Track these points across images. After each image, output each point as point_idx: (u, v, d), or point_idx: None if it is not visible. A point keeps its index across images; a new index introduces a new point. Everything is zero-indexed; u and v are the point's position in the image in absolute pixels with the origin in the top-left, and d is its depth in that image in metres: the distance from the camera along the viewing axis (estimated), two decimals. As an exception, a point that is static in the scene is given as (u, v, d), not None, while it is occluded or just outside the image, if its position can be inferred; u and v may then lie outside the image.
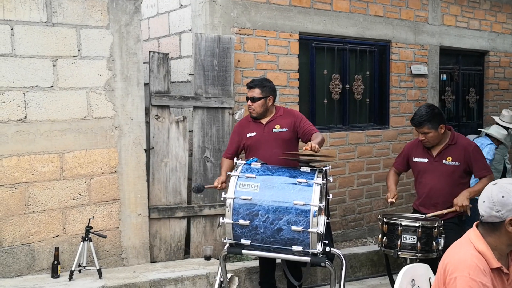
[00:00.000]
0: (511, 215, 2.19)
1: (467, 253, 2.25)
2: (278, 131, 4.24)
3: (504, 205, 2.19)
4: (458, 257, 2.25)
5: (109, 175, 4.52)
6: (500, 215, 2.20)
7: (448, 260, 2.29)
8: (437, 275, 2.36)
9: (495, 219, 2.22)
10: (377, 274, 5.60)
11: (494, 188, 2.24)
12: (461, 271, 2.17)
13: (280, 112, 4.35)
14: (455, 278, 2.17)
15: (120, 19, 4.50)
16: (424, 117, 4.05)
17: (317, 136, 4.10)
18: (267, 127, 4.27)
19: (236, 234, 3.52)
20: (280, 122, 4.27)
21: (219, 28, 5.13)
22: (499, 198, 2.20)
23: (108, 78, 4.47)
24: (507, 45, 8.30)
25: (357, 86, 6.50)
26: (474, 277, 2.14)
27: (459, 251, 2.30)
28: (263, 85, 4.25)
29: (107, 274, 4.33)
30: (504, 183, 2.26)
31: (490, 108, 8.19)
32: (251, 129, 4.31)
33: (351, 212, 6.44)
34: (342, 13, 6.10)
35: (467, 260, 2.21)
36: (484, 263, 2.22)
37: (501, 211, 2.20)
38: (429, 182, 4.15)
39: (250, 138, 4.29)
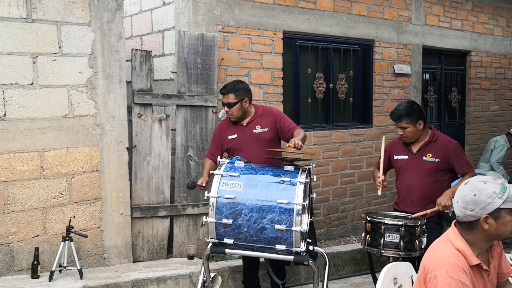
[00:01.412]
0: (485, 213, 2.21)
1: (446, 252, 2.26)
2: (259, 131, 4.22)
3: (476, 204, 2.21)
4: (437, 256, 2.26)
5: (91, 174, 4.46)
6: (474, 214, 2.22)
7: (428, 259, 2.30)
8: (418, 273, 2.37)
9: (471, 218, 2.24)
10: (361, 273, 5.63)
11: (466, 188, 2.26)
12: (440, 269, 2.19)
13: (259, 111, 4.32)
14: (435, 276, 2.19)
15: (102, 16, 4.45)
16: (402, 112, 4.10)
17: (299, 133, 4.09)
18: (248, 128, 4.25)
19: (219, 233, 3.49)
20: (260, 122, 4.25)
21: (202, 26, 5.10)
22: (471, 197, 2.22)
23: (89, 76, 4.41)
24: (488, 45, 8.40)
25: (341, 85, 6.52)
26: (452, 275, 2.16)
27: (439, 249, 2.31)
28: (236, 88, 4.19)
29: (89, 274, 4.27)
30: (474, 181, 2.28)
31: (472, 107, 8.27)
32: (232, 131, 4.29)
33: (334, 211, 6.46)
34: (326, 12, 6.11)
35: (446, 258, 2.22)
36: (463, 260, 2.23)
37: (474, 209, 2.21)
38: (409, 179, 4.17)
39: (232, 140, 4.27)
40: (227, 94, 4.19)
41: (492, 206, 2.20)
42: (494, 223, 2.23)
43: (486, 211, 2.20)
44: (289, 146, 3.74)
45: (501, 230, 2.25)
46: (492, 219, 2.22)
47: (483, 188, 2.22)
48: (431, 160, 4.11)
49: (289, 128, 4.20)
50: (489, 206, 2.20)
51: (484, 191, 2.21)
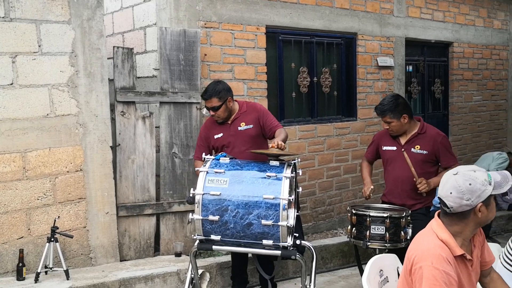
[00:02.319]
0: (480, 200, 2.24)
1: (430, 243, 2.28)
2: (244, 128, 4.22)
3: (473, 192, 2.23)
4: (422, 247, 2.28)
5: (75, 174, 4.42)
6: (470, 203, 2.24)
7: (413, 251, 2.32)
8: (403, 265, 2.39)
9: (466, 207, 2.25)
10: (348, 265, 5.66)
11: (459, 178, 2.26)
12: (425, 260, 2.21)
13: (243, 108, 4.31)
14: (420, 267, 2.21)
15: (82, 14, 4.39)
16: (385, 107, 4.13)
17: (280, 133, 4.12)
18: (233, 126, 4.24)
19: (206, 230, 3.48)
20: (245, 119, 4.25)
21: (184, 22, 5.06)
22: (467, 186, 2.23)
23: (70, 75, 4.36)
24: (470, 36, 8.47)
25: (325, 79, 6.52)
26: (437, 265, 2.18)
27: (423, 241, 2.33)
28: (217, 91, 4.14)
29: (75, 274, 4.24)
30: (465, 171, 2.30)
31: (455, 98, 8.35)
32: (217, 130, 4.28)
33: (321, 204, 6.48)
34: (308, 5, 6.10)
35: (431, 249, 2.24)
36: (447, 251, 2.26)
37: (471, 198, 2.23)
38: (397, 170, 4.19)
39: (218, 139, 4.26)
40: (210, 99, 4.15)
41: (486, 193, 2.24)
42: (485, 210, 2.27)
43: (481, 199, 2.24)
44: (272, 146, 3.76)
45: (489, 216, 2.30)
46: (484, 207, 2.26)
47: (476, 177, 2.24)
48: (419, 152, 4.14)
49: (272, 126, 4.22)
50: (483, 194, 2.24)
51: (478, 179, 2.24)
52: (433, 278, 2.16)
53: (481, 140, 8.89)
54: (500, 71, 9.21)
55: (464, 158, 8.36)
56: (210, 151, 4.33)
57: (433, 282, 2.15)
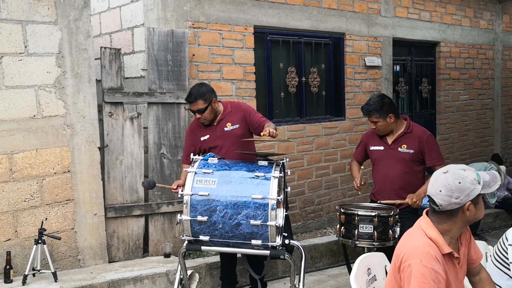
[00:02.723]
0: (469, 199, 2.26)
1: (419, 241, 2.30)
2: (230, 129, 4.22)
3: (462, 191, 2.25)
4: (411, 245, 2.30)
5: (62, 175, 4.39)
6: (459, 201, 2.26)
7: (401, 248, 2.34)
8: (392, 263, 2.41)
9: (455, 206, 2.27)
10: (337, 264, 5.68)
11: (449, 176, 2.28)
12: (414, 258, 2.23)
13: (228, 108, 4.31)
14: (409, 265, 2.22)
15: (69, 14, 4.36)
16: (371, 107, 4.15)
17: (269, 125, 4.11)
18: (219, 127, 4.24)
19: (194, 231, 3.48)
20: (230, 119, 4.25)
21: (172, 22, 5.05)
22: (457, 185, 2.25)
23: (57, 75, 4.33)
24: (457, 36, 8.54)
25: (313, 79, 6.54)
26: (426, 263, 2.20)
27: (412, 239, 2.35)
28: (202, 93, 4.13)
29: (63, 276, 4.21)
30: (455, 169, 2.32)
31: (443, 97, 8.41)
32: (203, 132, 4.27)
33: (310, 204, 6.50)
34: (296, 6, 6.12)
35: (419, 247, 2.26)
36: (436, 249, 2.28)
37: (460, 197, 2.25)
38: (385, 170, 4.22)
39: (204, 141, 4.26)
40: (195, 102, 4.13)
41: (475, 192, 2.26)
42: (474, 209, 2.29)
43: (470, 197, 2.26)
44: (264, 134, 3.77)
45: (477, 215, 2.32)
46: (473, 205, 2.28)
47: (466, 176, 2.27)
48: (406, 151, 4.16)
49: (259, 122, 4.21)
50: (473, 193, 2.26)
51: (467, 178, 2.26)
52: (421, 276, 2.18)
53: (468, 139, 8.97)
54: (486, 70, 9.29)
55: (451, 157, 8.43)
56: (198, 154, 4.32)
57: (421, 280, 2.17)
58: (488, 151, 9.26)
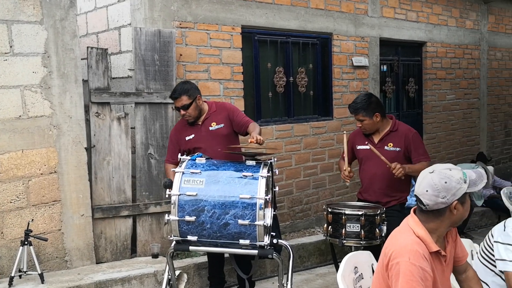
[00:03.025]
0: (455, 198, 2.28)
1: (407, 239, 2.32)
2: (215, 128, 4.22)
3: (448, 190, 2.27)
4: (399, 243, 2.32)
5: (49, 176, 4.36)
6: (446, 201, 2.28)
7: (390, 247, 2.35)
8: (379, 261, 2.42)
9: (441, 205, 2.29)
10: (326, 263, 5.71)
11: (435, 176, 2.30)
12: (402, 256, 2.24)
13: (212, 108, 4.32)
14: (397, 263, 2.24)
15: (55, 14, 4.33)
16: (358, 105, 4.19)
17: (254, 127, 4.13)
18: (204, 127, 4.24)
19: (182, 231, 3.48)
20: (215, 118, 4.25)
21: (159, 22, 5.04)
22: (443, 184, 2.27)
23: (43, 75, 4.30)
24: (443, 36, 8.61)
25: (301, 79, 6.56)
26: (414, 261, 2.22)
27: (400, 237, 2.37)
28: (186, 90, 4.14)
29: (50, 278, 4.18)
30: (441, 169, 2.34)
31: (429, 97, 8.48)
32: (188, 132, 4.26)
33: (298, 203, 6.51)
34: (283, 6, 6.13)
35: (408, 245, 2.28)
36: (424, 247, 2.30)
37: (446, 196, 2.27)
38: (372, 168, 4.25)
39: (189, 141, 4.25)
40: (180, 97, 4.13)
41: (461, 191, 2.28)
42: (461, 208, 2.31)
43: (456, 197, 2.28)
44: (251, 141, 3.77)
45: (464, 214, 2.34)
46: (460, 204, 2.30)
47: (452, 175, 2.28)
48: (392, 149, 4.20)
49: (243, 122, 4.22)
50: (459, 192, 2.28)
51: (453, 177, 2.28)
52: (410, 274, 2.20)
53: (454, 138, 9.06)
54: (472, 70, 9.38)
55: (438, 156, 8.50)
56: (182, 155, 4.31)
57: (410, 278, 2.19)
58: (474, 150, 9.35)
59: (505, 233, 2.84)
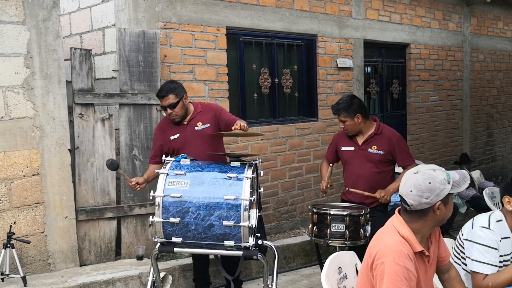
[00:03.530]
0: (439, 199, 2.30)
1: (392, 239, 2.34)
2: (201, 128, 4.21)
3: (432, 191, 2.29)
4: (384, 243, 2.34)
5: (31, 178, 4.31)
6: (429, 201, 2.30)
7: (374, 247, 2.37)
8: (364, 260, 2.44)
9: (425, 205, 2.31)
10: (311, 264, 5.72)
11: (419, 176, 2.33)
12: (387, 256, 2.26)
13: (198, 108, 4.31)
14: (382, 263, 2.26)
15: (37, 14, 4.29)
16: (340, 106, 4.24)
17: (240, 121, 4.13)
18: (189, 126, 4.23)
19: (167, 233, 3.46)
20: (201, 118, 4.25)
21: (143, 23, 5.02)
22: (427, 185, 2.29)
23: (26, 76, 4.25)
24: (426, 37, 8.70)
25: (286, 80, 6.58)
26: (398, 261, 2.24)
27: (385, 237, 2.39)
28: (173, 88, 4.13)
29: (33, 281, 4.14)
30: (425, 170, 2.36)
31: (413, 98, 8.56)
32: (173, 131, 4.25)
33: (284, 204, 6.53)
34: (268, 7, 6.15)
35: (393, 245, 2.30)
36: (408, 247, 2.32)
37: (430, 197, 2.29)
38: (356, 170, 4.28)
39: (174, 141, 4.23)
40: (166, 96, 4.12)
41: (444, 192, 2.30)
42: (444, 209, 2.34)
43: (440, 197, 2.30)
44: (235, 128, 3.79)
45: (447, 215, 2.36)
46: (443, 205, 2.33)
47: (436, 176, 2.31)
48: (376, 152, 4.23)
49: (230, 120, 4.22)
50: (442, 192, 2.30)
51: (437, 178, 2.30)
52: (394, 274, 2.22)
53: (438, 139, 9.15)
54: (455, 72, 9.49)
55: (421, 157, 8.57)
56: (166, 155, 4.31)
57: (394, 277, 2.21)
58: (457, 151, 9.46)
59: (473, 231, 2.88)
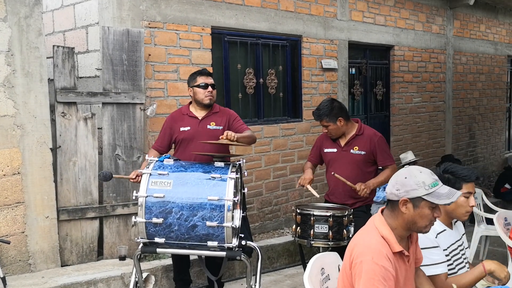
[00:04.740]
0: (406, 195, 2.34)
1: (372, 239, 2.37)
2: (213, 128, 4.23)
3: (403, 185, 2.35)
4: (364, 243, 2.36)
5: (12, 177, 4.25)
6: (398, 194, 2.36)
7: (354, 246, 2.40)
8: (344, 259, 2.46)
9: (394, 197, 2.38)
10: (294, 264, 5.73)
11: (403, 170, 2.42)
12: (365, 255, 2.29)
13: (216, 108, 4.35)
14: (360, 262, 2.29)
15: (19, 11, 4.23)
16: (321, 111, 4.26)
17: (245, 132, 4.17)
18: (202, 123, 4.25)
19: (149, 233, 3.44)
20: (216, 119, 4.28)
21: (127, 21, 4.97)
22: (402, 179, 2.37)
23: (7, 74, 4.19)
24: (410, 40, 8.77)
25: (271, 80, 6.58)
26: (377, 261, 2.26)
27: (365, 236, 2.41)
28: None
29: (13, 281, 4.09)
30: (413, 168, 2.43)
31: (396, 100, 8.62)
32: (185, 123, 4.26)
33: (268, 204, 6.53)
34: (253, 7, 6.14)
35: (372, 245, 2.33)
36: (387, 248, 2.35)
37: (399, 189, 2.36)
38: (338, 171, 4.29)
39: (183, 132, 4.24)
40: (210, 76, 4.35)
41: (415, 192, 2.34)
42: (411, 210, 2.36)
43: (408, 194, 2.34)
44: (221, 138, 3.79)
45: (416, 220, 2.37)
46: (411, 205, 2.35)
47: (416, 175, 2.36)
48: (357, 152, 4.26)
49: (240, 129, 4.25)
50: (412, 192, 2.34)
51: (415, 178, 2.35)
52: (372, 273, 2.24)
53: (421, 140, 9.23)
54: (438, 74, 9.59)
55: (405, 158, 8.63)
56: (171, 144, 4.29)
57: (371, 276, 2.24)
58: (440, 152, 9.56)
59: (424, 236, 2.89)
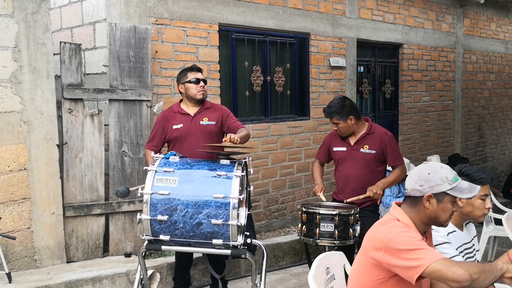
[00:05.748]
0: (430, 191, 2.33)
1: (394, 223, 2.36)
2: (206, 123, 4.21)
3: (427, 181, 2.34)
4: (387, 227, 2.32)
5: (18, 173, 4.25)
6: (421, 189, 2.34)
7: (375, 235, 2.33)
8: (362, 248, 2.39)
9: (417, 193, 2.35)
10: (300, 263, 5.71)
11: (424, 166, 2.41)
12: (393, 233, 2.26)
13: (207, 104, 4.33)
14: (390, 240, 2.23)
15: (26, 7, 4.23)
16: (332, 109, 4.22)
17: (241, 131, 4.12)
18: (195, 119, 4.23)
19: (154, 230, 3.42)
20: (208, 115, 4.25)
21: (135, 18, 4.96)
22: (425, 175, 2.35)
23: (14, 70, 4.19)
24: (419, 38, 8.70)
25: (278, 78, 6.55)
26: (406, 230, 2.27)
27: (385, 224, 2.36)
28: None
29: (18, 277, 4.09)
30: (434, 164, 2.42)
31: (405, 98, 8.56)
32: (178, 121, 4.23)
33: (274, 203, 6.51)
34: (261, 4, 6.11)
35: (396, 226, 2.31)
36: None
37: (423, 185, 2.34)
38: (347, 170, 4.27)
39: (176, 130, 4.21)
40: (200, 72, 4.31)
41: (440, 188, 2.33)
42: (435, 205, 2.34)
43: (433, 190, 2.33)
44: (225, 140, 3.75)
45: (439, 215, 2.36)
46: (435, 200, 2.34)
47: (438, 171, 2.35)
48: (368, 151, 4.23)
49: (235, 125, 4.24)
50: (437, 187, 2.33)
51: (438, 173, 2.34)
52: (407, 237, 2.22)
53: (429, 139, 9.16)
54: (447, 72, 9.51)
55: (413, 157, 8.59)
56: (163, 143, 4.27)
57: (408, 237, 2.21)
58: (449, 151, 9.48)
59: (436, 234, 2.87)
